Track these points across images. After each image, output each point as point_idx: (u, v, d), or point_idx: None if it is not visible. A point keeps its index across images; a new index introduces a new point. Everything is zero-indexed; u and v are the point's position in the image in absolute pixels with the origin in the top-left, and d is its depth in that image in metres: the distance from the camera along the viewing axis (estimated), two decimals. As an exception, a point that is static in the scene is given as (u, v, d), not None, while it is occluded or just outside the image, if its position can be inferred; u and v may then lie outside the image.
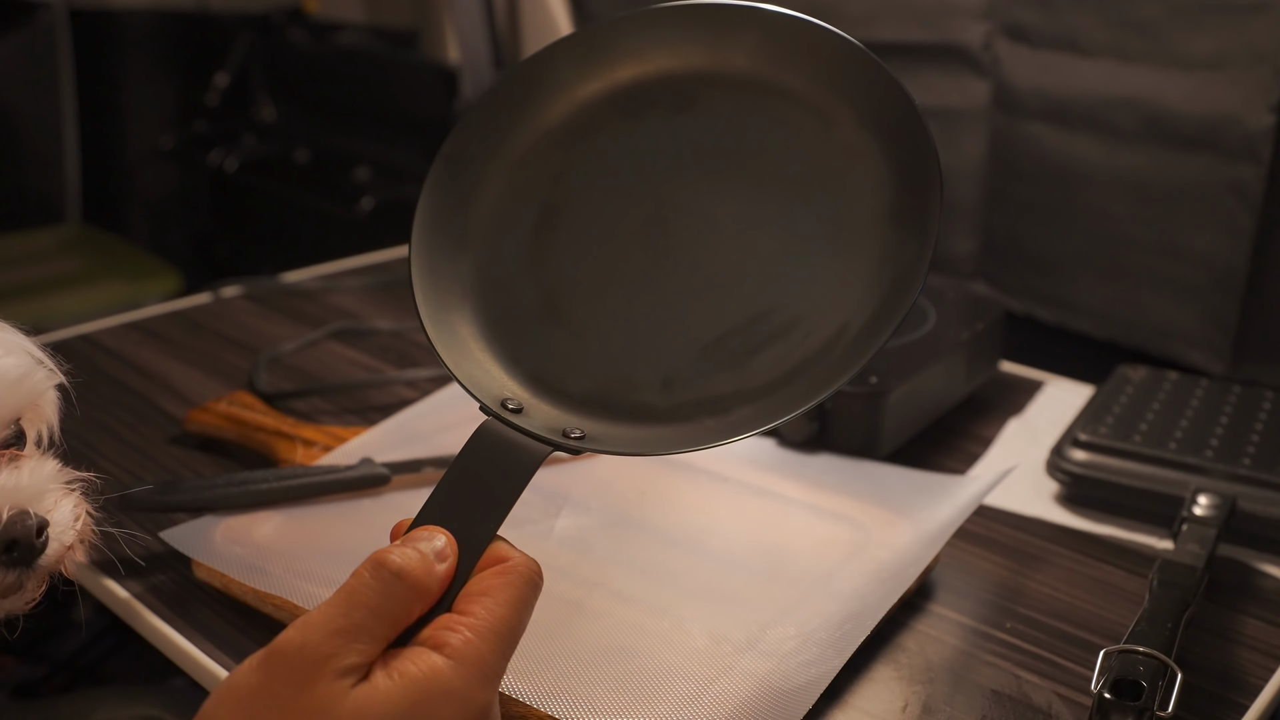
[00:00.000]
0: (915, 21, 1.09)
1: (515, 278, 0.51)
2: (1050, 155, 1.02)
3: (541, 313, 0.50)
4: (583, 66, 0.54)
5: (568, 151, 0.53)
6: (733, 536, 0.64)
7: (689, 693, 0.50)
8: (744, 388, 0.46)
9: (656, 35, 0.53)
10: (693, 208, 0.51)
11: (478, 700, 0.37)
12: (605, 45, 0.54)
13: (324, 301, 1.04)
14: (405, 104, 1.87)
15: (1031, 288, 1.07)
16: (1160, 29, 0.92)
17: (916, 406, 0.78)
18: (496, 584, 0.40)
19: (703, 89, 0.52)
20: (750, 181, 0.51)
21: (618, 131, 0.53)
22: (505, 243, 0.52)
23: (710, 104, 0.52)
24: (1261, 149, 0.88)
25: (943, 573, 0.64)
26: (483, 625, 0.38)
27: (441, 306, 0.49)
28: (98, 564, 0.63)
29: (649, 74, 0.53)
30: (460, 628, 0.38)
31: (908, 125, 0.49)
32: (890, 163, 0.49)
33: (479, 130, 0.53)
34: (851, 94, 0.50)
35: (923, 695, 0.54)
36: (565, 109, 0.54)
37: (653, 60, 0.53)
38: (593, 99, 0.54)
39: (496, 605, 0.39)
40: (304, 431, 0.73)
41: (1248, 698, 0.55)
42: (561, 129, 0.53)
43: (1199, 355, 0.96)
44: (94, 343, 0.94)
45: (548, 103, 0.54)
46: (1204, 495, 0.65)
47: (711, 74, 0.52)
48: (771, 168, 0.51)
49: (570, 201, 0.52)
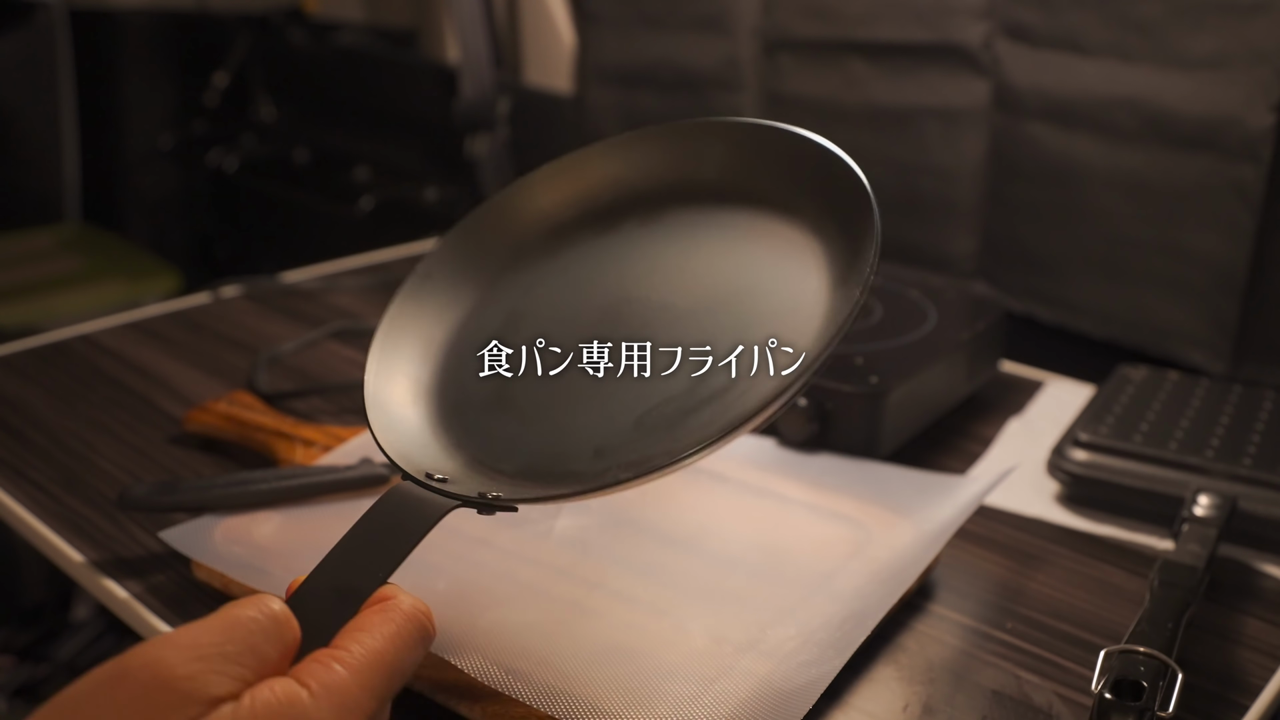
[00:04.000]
0: (915, 21, 1.09)
1: (471, 378, 0.53)
2: (1050, 155, 1.02)
3: (490, 403, 0.52)
4: (560, 195, 0.58)
5: (540, 266, 0.56)
6: (733, 536, 0.64)
7: (689, 693, 0.50)
8: (673, 448, 0.46)
9: (630, 159, 0.57)
10: (649, 300, 0.53)
11: None
12: (582, 174, 0.58)
13: (324, 301, 1.04)
14: (405, 104, 1.87)
15: (1031, 288, 1.07)
16: (1160, 29, 0.92)
17: (916, 406, 0.78)
18: (375, 620, 0.39)
19: (671, 202, 0.56)
20: (708, 273, 0.53)
21: (590, 245, 0.56)
22: (469, 350, 0.54)
23: (678, 213, 0.55)
24: (1262, 149, 0.88)
25: (943, 573, 0.64)
26: (352, 659, 0.37)
27: (390, 403, 0.51)
28: (97, 564, 0.63)
29: (622, 195, 0.57)
30: (328, 660, 0.36)
31: (857, 200, 0.50)
32: (843, 237, 0.51)
33: (457, 253, 0.57)
34: (810, 182, 0.52)
35: (923, 695, 0.54)
36: (543, 234, 0.57)
37: (626, 182, 0.57)
38: (569, 222, 0.57)
39: (371, 639, 0.38)
40: (304, 431, 0.73)
41: (1248, 698, 0.55)
42: (539, 250, 0.57)
43: (1199, 355, 0.96)
44: (94, 343, 0.94)
45: (526, 230, 0.58)
46: (1204, 495, 0.65)
47: (681, 188, 0.56)
48: (730, 257, 0.53)
49: (536, 307, 0.55)
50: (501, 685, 0.49)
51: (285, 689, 0.35)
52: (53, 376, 0.88)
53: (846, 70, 1.14)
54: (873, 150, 1.14)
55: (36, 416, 0.81)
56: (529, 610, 0.56)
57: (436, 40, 1.89)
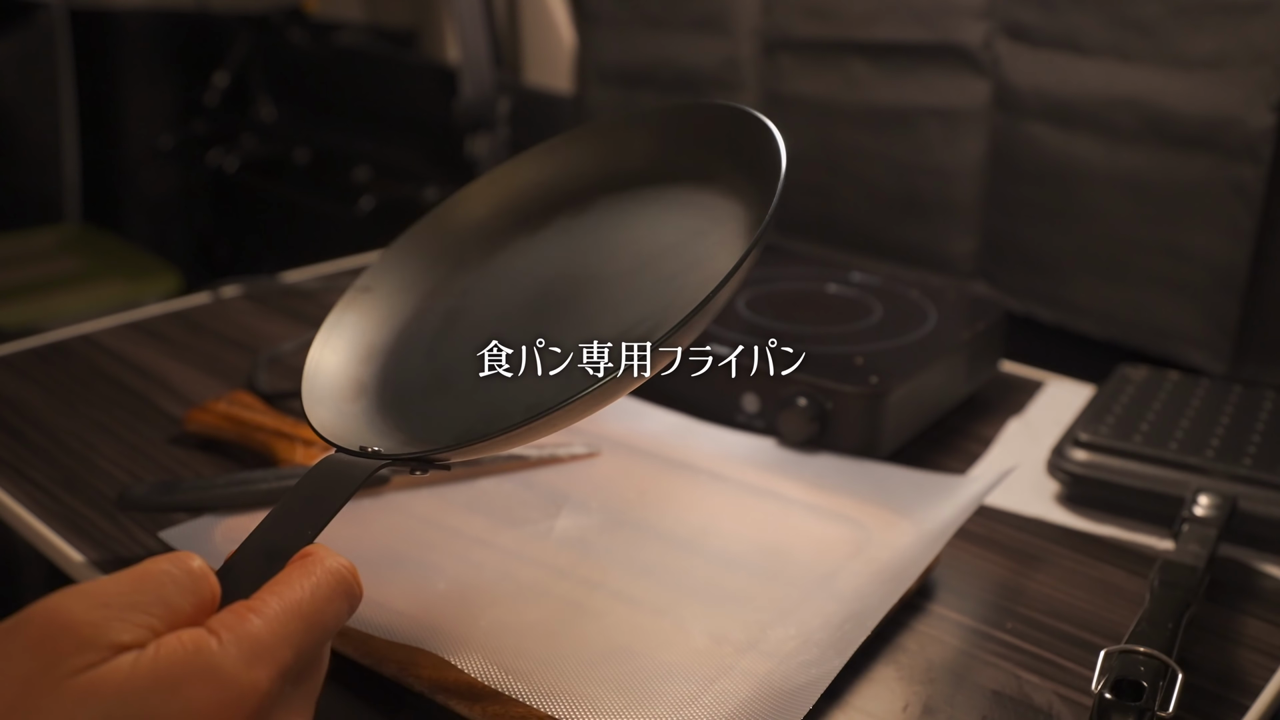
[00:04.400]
0: (915, 21, 1.09)
1: (412, 371, 0.54)
2: (1050, 155, 1.02)
3: (429, 387, 0.53)
4: (493, 203, 0.60)
5: (476, 270, 0.58)
6: (733, 536, 0.64)
7: (689, 693, 0.50)
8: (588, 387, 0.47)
9: (558, 162, 0.60)
10: (580, 276, 0.55)
11: (243, 680, 0.34)
12: (513, 181, 0.60)
13: (324, 301, 1.04)
14: (405, 104, 1.87)
15: (1031, 288, 1.07)
16: (1160, 29, 0.92)
17: (917, 406, 0.78)
18: (294, 573, 0.38)
19: (599, 193, 0.58)
20: (631, 242, 0.55)
21: (523, 243, 0.59)
22: (406, 350, 0.56)
23: (604, 202, 0.58)
24: (1261, 149, 0.88)
25: (943, 573, 0.64)
26: (267, 608, 0.36)
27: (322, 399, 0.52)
28: (97, 564, 0.63)
29: (553, 196, 0.59)
30: (243, 610, 0.35)
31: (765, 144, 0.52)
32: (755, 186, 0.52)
33: (397, 265, 0.59)
34: (725, 144, 0.55)
35: (923, 695, 0.54)
36: (478, 242, 0.60)
37: (556, 184, 0.60)
38: (504, 228, 0.60)
39: (289, 590, 0.37)
40: (304, 431, 0.73)
41: (1248, 698, 0.55)
42: (475, 257, 0.59)
43: (1199, 355, 0.96)
44: (94, 343, 0.94)
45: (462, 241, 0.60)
46: (1205, 495, 0.65)
47: (608, 181, 0.58)
48: (652, 226, 0.55)
49: (472, 305, 0.56)
50: (501, 685, 0.49)
51: (193, 637, 0.34)
52: (53, 376, 0.88)
53: (846, 70, 1.14)
54: (873, 150, 1.14)
55: (36, 416, 0.81)
56: (529, 610, 0.56)
57: (436, 40, 1.89)
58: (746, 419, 0.78)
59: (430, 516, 0.65)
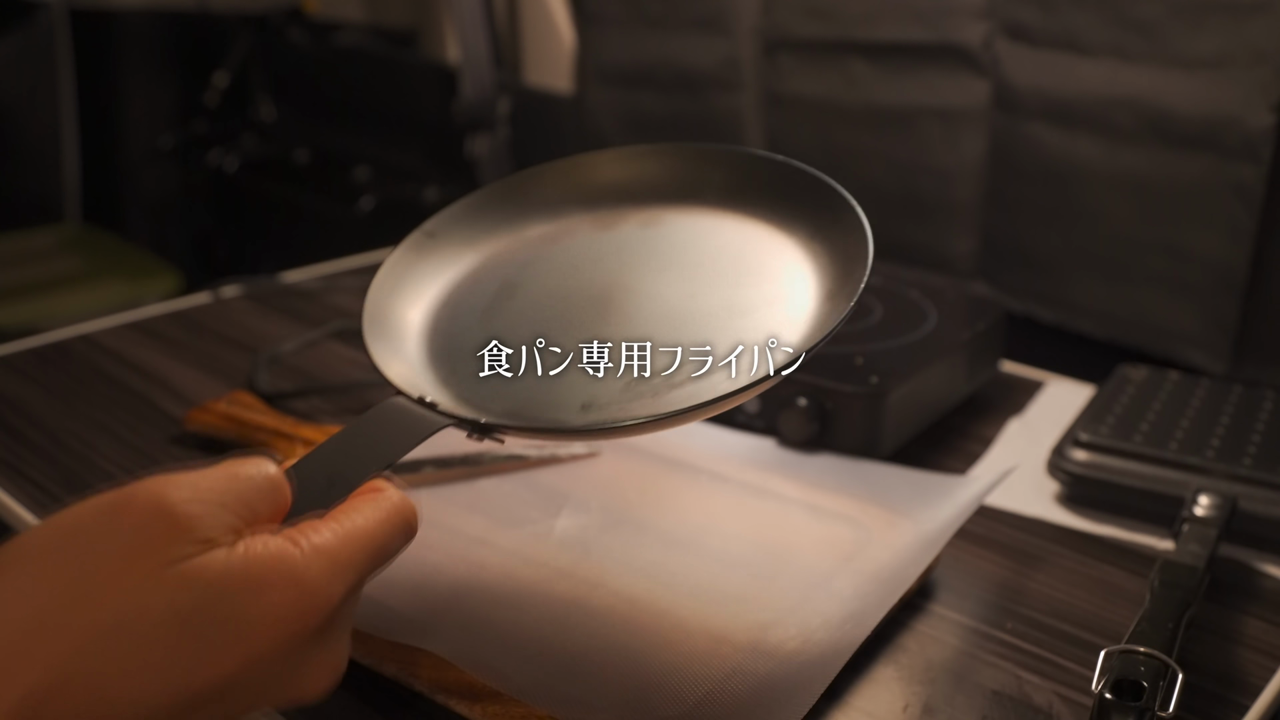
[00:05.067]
0: (915, 21, 1.09)
1: (464, 330, 0.55)
2: (1050, 155, 1.02)
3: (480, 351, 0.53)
4: (568, 190, 0.61)
5: (539, 249, 0.59)
6: (733, 536, 0.64)
7: (689, 693, 0.50)
8: (656, 413, 0.47)
9: (638, 170, 0.60)
10: (641, 289, 0.55)
11: (322, 592, 0.36)
12: (591, 175, 0.61)
13: (323, 301, 1.04)
14: (405, 104, 1.87)
15: (1031, 288, 1.07)
16: (1161, 29, 0.92)
17: (917, 406, 0.78)
18: (365, 504, 0.40)
19: (671, 212, 0.59)
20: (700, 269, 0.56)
21: (589, 238, 0.59)
22: (462, 308, 0.56)
23: (676, 221, 0.59)
24: (1261, 149, 0.88)
25: (943, 573, 0.64)
26: (342, 529, 0.38)
27: (384, 337, 0.53)
28: (97, 564, 0.63)
29: (625, 202, 0.60)
30: (320, 525, 0.37)
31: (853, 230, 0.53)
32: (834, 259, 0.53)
33: (462, 220, 0.60)
34: (807, 210, 0.56)
35: (923, 695, 0.54)
36: (545, 221, 0.60)
37: (631, 192, 0.60)
38: (571, 215, 0.60)
39: (361, 518, 0.39)
40: (304, 431, 0.73)
41: (1248, 698, 0.55)
42: (539, 235, 0.60)
43: (1199, 355, 0.96)
44: (94, 343, 0.94)
45: (530, 215, 0.61)
46: (1205, 495, 0.65)
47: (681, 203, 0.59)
48: (723, 258, 0.56)
49: (531, 281, 0.57)
50: (501, 685, 0.49)
51: (278, 543, 0.36)
52: (53, 376, 0.88)
53: (846, 70, 1.14)
54: (873, 150, 1.14)
55: (36, 416, 0.81)
56: (529, 610, 0.56)
57: (436, 40, 1.89)
58: (746, 419, 0.78)
59: (430, 516, 0.64)
